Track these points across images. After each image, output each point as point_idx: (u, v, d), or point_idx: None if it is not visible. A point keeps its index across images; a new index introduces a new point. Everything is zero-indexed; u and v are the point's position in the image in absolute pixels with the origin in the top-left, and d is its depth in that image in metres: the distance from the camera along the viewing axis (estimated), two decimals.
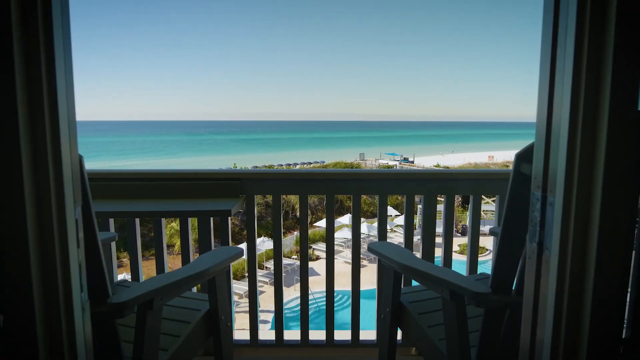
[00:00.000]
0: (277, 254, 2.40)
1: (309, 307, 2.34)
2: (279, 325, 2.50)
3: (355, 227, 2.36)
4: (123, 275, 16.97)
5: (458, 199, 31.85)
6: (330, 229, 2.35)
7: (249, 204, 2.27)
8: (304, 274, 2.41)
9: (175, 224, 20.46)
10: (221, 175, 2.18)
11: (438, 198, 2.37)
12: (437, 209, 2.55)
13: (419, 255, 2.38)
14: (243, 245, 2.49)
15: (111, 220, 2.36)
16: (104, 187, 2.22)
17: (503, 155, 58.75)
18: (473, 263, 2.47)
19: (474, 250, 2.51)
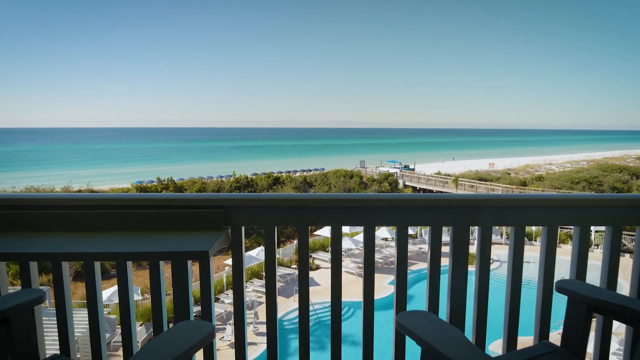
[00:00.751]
0: (270, 302, 1.85)
1: (309, 318, 1.92)
2: None
3: (368, 278, 1.85)
4: (112, 290, 16.31)
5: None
6: (338, 278, 1.83)
7: (235, 238, 1.76)
8: (304, 340, 1.93)
9: None
10: (199, 202, 1.71)
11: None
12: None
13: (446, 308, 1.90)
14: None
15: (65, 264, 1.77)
16: (46, 216, 1.67)
17: (504, 163, 58.61)
18: (512, 333, 1.89)
19: (513, 314, 1.86)
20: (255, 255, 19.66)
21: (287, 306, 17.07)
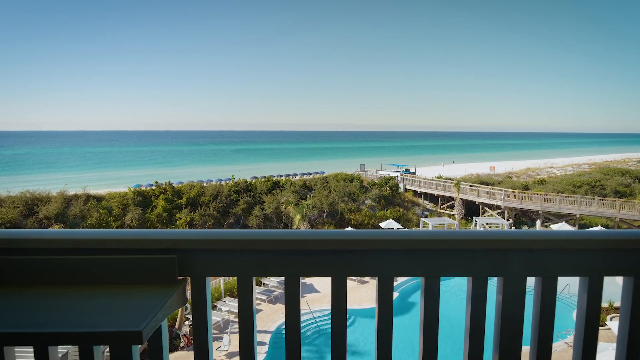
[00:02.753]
0: None
1: (309, 326, 1.43)
2: None
3: (384, 346, 1.35)
4: None
5: (462, 213, 31.00)
6: (341, 344, 1.36)
7: (197, 293, 1.26)
8: None
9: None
10: (143, 245, 1.21)
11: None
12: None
13: None
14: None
15: None
16: None
17: (504, 166, 58.29)
18: None
19: None
20: None
21: None
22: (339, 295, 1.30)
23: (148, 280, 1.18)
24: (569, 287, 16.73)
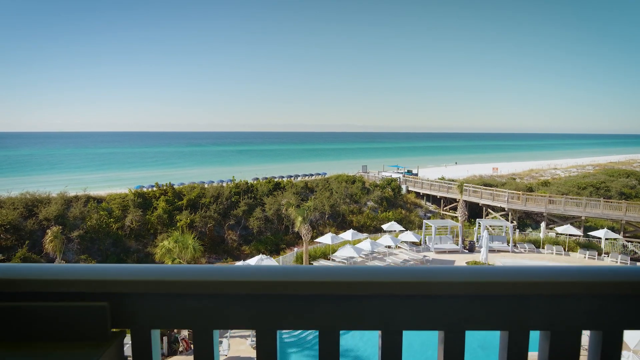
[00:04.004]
0: None
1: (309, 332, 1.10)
2: None
3: None
4: None
5: (463, 211, 30.72)
6: None
7: (140, 356, 0.93)
8: None
9: None
10: (62, 286, 0.88)
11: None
12: None
13: None
14: None
15: None
16: None
17: (507, 167, 57.87)
18: None
19: None
20: (255, 263, 19.02)
21: None
22: (329, 354, 0.94)
23: (69, 336, 0.87)
24: None
